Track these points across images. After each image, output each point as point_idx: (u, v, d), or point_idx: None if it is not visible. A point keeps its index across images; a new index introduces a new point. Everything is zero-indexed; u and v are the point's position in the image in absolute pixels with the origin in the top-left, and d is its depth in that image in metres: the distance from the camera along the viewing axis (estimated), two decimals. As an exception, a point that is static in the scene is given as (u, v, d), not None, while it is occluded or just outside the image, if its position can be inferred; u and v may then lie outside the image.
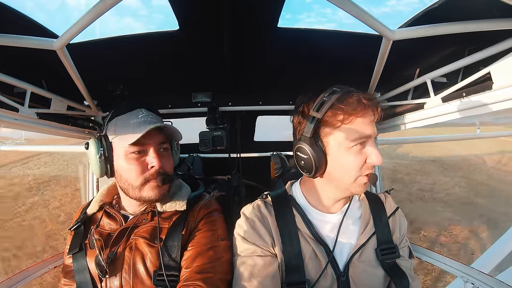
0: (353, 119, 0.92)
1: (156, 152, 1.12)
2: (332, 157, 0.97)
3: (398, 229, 1.12)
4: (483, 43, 1.02)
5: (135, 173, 1.10)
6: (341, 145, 0.95)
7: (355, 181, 0.96)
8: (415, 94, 1.48)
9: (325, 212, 1.08)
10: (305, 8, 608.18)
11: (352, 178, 0.96)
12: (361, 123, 0.93)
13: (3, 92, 1.12)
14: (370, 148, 0.95)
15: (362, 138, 0.93)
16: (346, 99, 0.93)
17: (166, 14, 36.35)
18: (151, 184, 1.11)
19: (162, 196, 1.14)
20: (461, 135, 5.28)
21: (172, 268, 1.06)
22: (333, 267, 1.00)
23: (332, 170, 0.98)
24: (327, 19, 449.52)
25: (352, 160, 0.94)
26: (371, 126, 0.95)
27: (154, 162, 1.10)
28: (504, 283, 1.26)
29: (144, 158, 1.11)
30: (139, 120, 1.12)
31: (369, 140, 0.95)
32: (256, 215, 1.09)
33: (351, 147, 0.93)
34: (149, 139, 1.10)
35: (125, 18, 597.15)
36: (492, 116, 2.94)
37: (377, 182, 1.85)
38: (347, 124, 0.93)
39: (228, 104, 1.82)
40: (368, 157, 0.94)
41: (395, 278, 1.01)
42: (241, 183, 2.00)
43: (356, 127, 0.93)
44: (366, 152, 0.95)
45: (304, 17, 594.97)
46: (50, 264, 1.52)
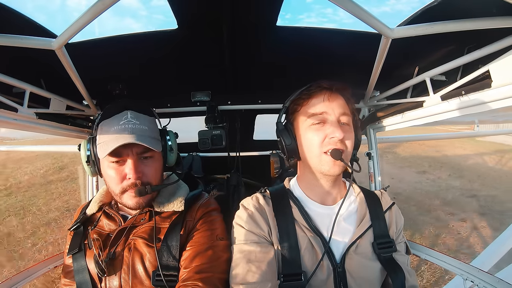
0: (309, 100, 1.06)
1: (135, 162, 1.09)
2: (299, 139, 1.09)
3: (395, 224, 1.14)
4: (482, 41, 1.02)
5: (114, 182, 1.11)
6: (303, 125, 1.07)
7: (320, 159, 1.03)
8: (414, 93, 1.48)
9: (322, 203, 1.11)
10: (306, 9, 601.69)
11: (316, 155, 1.04)
12: (316, 102, 1.04)
13: (2, 92, 1.11)
14: (329, 124, 1.02)
15: (317, 114, 1.03)
16: (310, 88, 1.07)
17: (166, 15, 36.22)
18: (128, 193, 1.12)
19: (143, 204, 1.14)
20: (459, 133, 5.30)
21: (171, 268, 1.06)
22: (330, 259, 1.02)
23: (301, 151, 1.09)
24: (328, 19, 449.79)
25: (312, 137, 1.03)
26: (327, 103, 1.03)
27: (130, 174, 1.09)
28: (504, 281, 1.26)
29: (122, 167, 1.10)
30: (120, 127, 1.09)
31: (327, 116, 1.02)
32: (254, 206, 1.12)
33: (310, 125, 1.04)
34: (127, 149, 1.08)
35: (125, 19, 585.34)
36: (491, 114, 2.95)
37: (375, 180, 1.86)
38: (305, 106, 1.07)
39: (227, 103, 1.82)
40: (327, 133, 1.01)
41: (391, 271, 1.03)
42: (240, 182, 2.00)
43: (312, 106, 1.05)
44: (325, 129, 1.02)
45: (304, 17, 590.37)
46: (50, 264, 1.52)
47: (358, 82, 1.46)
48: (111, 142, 1.05)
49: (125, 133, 1.08)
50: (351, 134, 1.06)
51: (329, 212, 1.09)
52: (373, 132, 1.88)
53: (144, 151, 1.11)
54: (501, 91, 0.97)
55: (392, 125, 1.66)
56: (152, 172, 1.14)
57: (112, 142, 1.05)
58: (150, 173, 1.14)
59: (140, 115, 1.16)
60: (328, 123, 1.02)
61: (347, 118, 1.04)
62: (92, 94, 1.51)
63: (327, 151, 1.00)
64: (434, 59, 1.26)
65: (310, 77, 1.09)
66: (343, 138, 0.99)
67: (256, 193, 1.20)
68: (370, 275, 1.04)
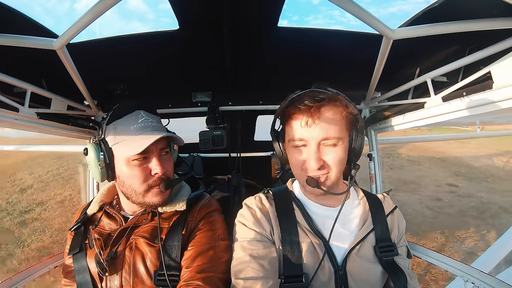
0: (291, 121, 1.01)
1: (159, 158, 1.11)
2: (287, 152, 1.08)
3: (397, 228, 1.14)
4: (483, 42, 1.02)
5: (138, 180, 1.10)
6: (289, 142, 1.04)
7: (303, 179, 1.02)
8: (415, 94, 1.48)
9: (323, 205, 1.11)
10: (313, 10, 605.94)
11: (300, 175, 1.03)
12: (295, 126, 0.99)
13: (3, 92, 1.12)
14: (308, 151, 0.98)
15: (296, 140, 0.99)
16: (296, 100, 0.99)
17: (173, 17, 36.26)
18: (154, 190, 1.12)
19: (164, 201, 1.15)
20: (461, 135, 5.29)
21: (172, 268, 1.06)
22: (331, 261, 1.01)
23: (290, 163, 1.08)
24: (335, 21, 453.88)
25: (294, 159, 1.02)
26: (307, 129, 0.96)
27: (157, 169, 1.09)
28: (505, 283, 1.26)
29: (146, 164, 1.11)
30: (140, 125, 1.10)
31: (308, 143, 0.97)
32: (257, 205, 1.12)
33: (292, 146, 1.02)
34: (153, 146, 1.08)
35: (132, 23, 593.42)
36: (492, 115, 2.94)
37: (377, 183, 1.86)
38: (289, 125, 1.02)
39: (228, 104, 1.82)
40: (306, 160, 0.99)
41: (393, 275, 1.02)
42: (241, 183, 2.00)
43: (292, 130, 1.00)
44: (305, 153, 0.99)
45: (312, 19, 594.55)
46: (50, 264, 1.52)
47: (359, 83, 1.46)
48: (135, 140, 1.06)
49: (149, 129, 1.10)
50: (337, 155, 0.97)
51: (331, 214, 1.08)
52: (374, 133, 1.88)
53: (165, 147, 1.15)
54: (503, 92, 0.97)
55: (393, 126, 1.66)
56: (171, 167, 1.19)
57: (140, 140, 1.06)
58: (169, 168, 1.18)
59: (151, 114, 1.18)
60: (308, 149, 0.98)
61: (332, 140, 0.96)
62: (93, 95, 1.52)
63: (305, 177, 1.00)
64: (436, 60, 1.26)
65: (311, 78, 1.09)
66: (321, 167, 0.96)
67: (259, 193, 1.20)
68: (371, 277, 1.03)
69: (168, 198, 1.19)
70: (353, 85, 1.02)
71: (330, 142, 0.96)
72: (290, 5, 1.15)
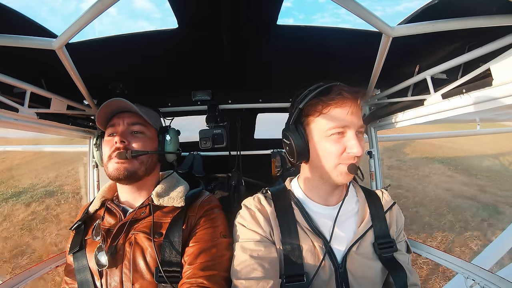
0: (331, 109, 0.99)
1: (123, 131, 1.18)
2: (313, 144, 1.04)
3: (395, 224, 1.14)
4: (483, 39, 1.02)
5: (105, 154, 1.18)
6: (320, 133, 1.01)
7: (335, 169, 1.01)
8: (415, 91, 1.47)
9: (323, 204, 1.11)
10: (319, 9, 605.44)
11: (332, 166, 1.00)
12: (338, 113, 0.98)
13: (2, 93, 1.12)
14: (349, 138, 0.98)
15: (338, 127, 0.98)
16: (328, 91, 1.00)
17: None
18: (112, 161, 1.16)
19: (123, 173, 1.15)
20: (461, 132, 5.29)
21: (173, 264, 1.07)
22: (331, 259, 1.02)
23: (314, 157, 1.04)
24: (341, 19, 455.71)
25: (330, 148, 0.99)
26: (351, 117, 0.98)
27: (116, 138, 1.15)
28: (505, 279, 1.27)
29: (111, 138, 1.17)
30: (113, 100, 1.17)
31: (348, 130, 0.98)
32: (256, 206, 1.12)
33: (329, 135, 0.99)
34: (119, 119, 1.18)
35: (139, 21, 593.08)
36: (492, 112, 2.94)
37: (377, 179, 1.86)
38: (325, 113, 0.99)
39: (228, 102, 1.82)
40: (347, 147, 0.98)
41: (392, 271, 1.03)
42: (241, 181, 2.00)
43: (333, 117, 0.98)
44: (345, 142, 0.98)
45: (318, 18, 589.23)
46: (52, 264, 1.52)
47: (359, 80, 1.45)
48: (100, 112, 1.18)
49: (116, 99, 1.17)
50: (363, 143, 1.02)
51: (330, 213, 1.09)
52: (374, 131, 1.88)
53: (134, 123, 1.19)
54: (502, 89, 0.97)
55: (393, 123, 1.66)
56: (139, 143, 1.19)
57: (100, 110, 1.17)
58: (137, 143, 1.19)
59: (142, 106, 1.28)
60: (347, 136, 0.98)
61: (363, 129, 1.02)
62: (93, 94, 1.51)
63: (344, 164, 0.99)
64: (435, 58, 1.26)
65: (311, 75, 1.09)
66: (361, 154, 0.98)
67: (258, 193, 1.20)
68: (371, 274, 1.04)
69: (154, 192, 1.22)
70: (352, 82, 1.02)
71: (361, 130, 1.01)
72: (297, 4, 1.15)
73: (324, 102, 0.99)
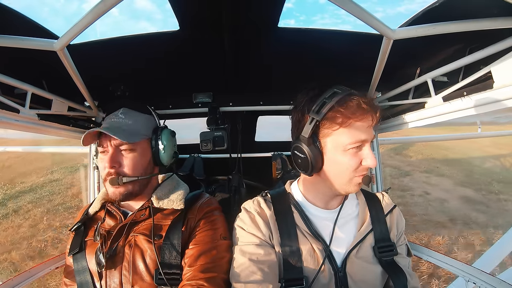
0: (351, 123, 0.94)
1: (112, 153, 1.14)
2: (329, 158, 0.99)
3: (396, 227, 1.14)
4: (484, 42, 1.02)
5: (101, 170, 1.17)
6: (338, 147, 0.96)
7: (350, 181, 0.99)
8: (416, 94, 1.47)
9: (323, 208, 1.10)
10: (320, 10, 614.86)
11: (347, 179, 0.99)
12: (359, 127, 0.95)
13: (3, 93, 1.12)
14: (366, 151, 0.97)
15: (358, 142, 0.95)
16: (346, 102, 0.94)
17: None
18: (107, 184, 1.15)
19: (119, 196, 1.15)
20: (462, 135, 5.28)
21: (173, 266, 1.07)
22: (331, 263, 1.02)
23: (328, 169, 1.01)
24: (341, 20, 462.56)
25: (348, 162, 0.96)
26: (369, 130, 0.97)
27: (106, 163, 1.13)
28: (506, 283, 1.26)
29: (103, 158, 1.15)
30: (109, 121, 1.19)
31: (365, 143, 0.97)
32: (255, 210, 1.11)
33: (348, 149, 0.96)
34: (107, 140, 1.14)
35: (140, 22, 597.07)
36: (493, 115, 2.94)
37: (377, 182, 1.86)
38: (345, 127, 0.94)
39: (229, 104, 1.82)
40: (363, 159, 0.97)
41: (393, 275, 1.03)
42: (241, 183, 2.00)
43: (354, 131, 0.94)
44: (361, 155, 0.97)
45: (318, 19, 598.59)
46: (51, 265, 1.52)
47: (359, 83, 1.45)
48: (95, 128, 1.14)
49: (105, 125, 1.16)
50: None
51: (330, 216, 1.09)
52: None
53: (121, 143, 1.14)
54: (503, 92, 0.97)
55: (394, 126, 1.66)
56: (130, 164, 1.15)
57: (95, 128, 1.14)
58: (128, 165, 1.15)
59: (132, 111, 1.22)
60: (364, 149, 0.97)
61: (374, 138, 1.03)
62: (94, 96, 1.52)
63: (359, 176, 0.99)
64: (436, 60, 1.26)
65: (312, 78, 1.09)
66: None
67: (257, 196, 1.19)
68: (371, 278, 1.04)
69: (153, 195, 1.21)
70: (353, 85, 1.01)
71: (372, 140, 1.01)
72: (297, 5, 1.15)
73: (344, 116, 0.93)
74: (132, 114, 1.21)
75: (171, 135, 1.28)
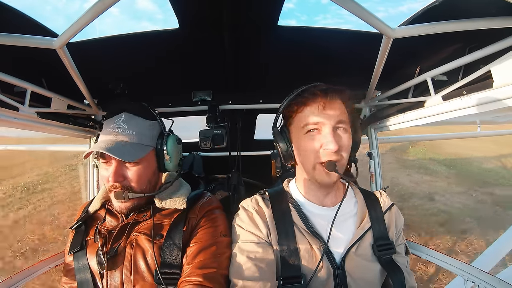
0: (304, 108, 1.03)
1: (116, 166, 1.09)
2: (295, 144, 1.08)
3: (394, 225, 1.14)
4: (483, 41, 1.02)
5: (104, 179, 1.14)
6: (298, 131, 1.05)
7: (314, 168, 1.02)
8: (415, 93, 1.48)
9: (319, 205, 1.11)
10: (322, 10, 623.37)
11: (311, 164, 1.03)
12: (311, 110, 1.01)
13: (3, 92, 1.12)
14: (325, 134, 0.99)
15: (312, 123, 1.00)
16: (304, 91, 1.05)
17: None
18: (112, 196, 1.14)
19: (125, 210, 1.14)
20: (461, 134, 5.27)
21: (173, 266, 1.07)
22: (329, 260, 1.02)
23: (297, 156, 1.09)
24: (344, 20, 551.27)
25: (306, 145, 1.02)
26: (323, 111, 0.99)
27: (110, 177, 1.09)
28: (505, 282, 1.26)
29: (107, 169, 1.11)
30: (109, 130, 1.11)
31: (323, 126, 0.99)
32: (253, 208, 1.12)
33: (306, 132, 1.02)
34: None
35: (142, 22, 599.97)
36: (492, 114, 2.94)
37: (376, 180, 1.86)
38: (300, 113, 1.04)
39: (228, 103, 1.82)
40: (323, 143, 0.99)
41: (391, 273, 1.03)
42: (240, 182, 2.00)
43: (307, 114, 1.02)
44: (321, 138, 1.00)
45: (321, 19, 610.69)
46: (51, 263, 1.52)
47: (359, 82, 1.46)
48: (98, 144, 1.08)
49: (108, 138, 1.10)
50: (348, 140, 1.02)
51: (328, 214, 1.08)
52: (374, 132, 1.87)
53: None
54: (503, 91, 0.97)
55: (393, 125, 1.66)
56: (135, 177, 1.12)
57: (98, 144, 1.08)
58: (133, 178, 1.12)
59: (135, 118, 1.15)
60: (323, 132, 0.99)
61: (344, 124, 1.01)
62: (93, 94, 1.51)
63: (322, 163, 1.00)
64: (436, 59, 1.26)
65: (312, 76, 1.09)
66: (338, 149, 0.97)
67: (256, 195, 1.20)
68: (370, 276, 1.04)
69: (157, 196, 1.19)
70: (353, 83, 1.02)
71: (343, 126, 1.01)
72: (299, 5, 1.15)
73: (298, 102, 1.04)
74: (135, 122, 1.14)
75: (177, 143, 1.23)
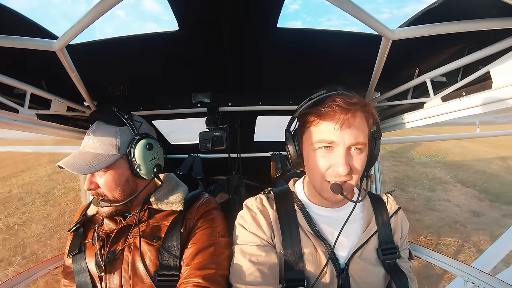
0: (320, 122, 0.94)
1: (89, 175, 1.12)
2: (305, 155, 1.02)
3: (400, 230, 1.12)
4: (482, 42, 1.02)
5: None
6: (310, 145, 0.97)
7: (322, 185, 0.97)
8: (414, 94, 1.48)
9: (326, 206, 1.08)
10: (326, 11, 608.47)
11: (319, 180, 0.97)
12: (326, 126, 0.92)
13: (3, 93, 1.12)
14: (336, 155, 0.92)
15: (325, 142, 0.93)
16: (324, 100, 0.93)
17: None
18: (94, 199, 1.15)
19: (107, 215, 1.16)
20: (461, 135, 5.28)
21: (172, 268, 1.07)
22: (333, 264, 1.00)
23: (306, 165, 1.02)
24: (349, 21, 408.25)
25: (316, 162, 0.95)
26: (339, 132, 0.90)
27: (86, 184, 1.12)
28: (505, 282, 1.26)
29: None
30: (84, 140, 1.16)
31: (336, 146, 0.92)
32: (258, 207, 1.10)
33: (316, 149, 0.95)
34: None
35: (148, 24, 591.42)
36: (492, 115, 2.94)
37: (376, 182, 1.86)
38: (315, 126, 0.95)
39: (228, 104, 1.82)
40: (333, 164, 0.93)
41: (395, 277, 1.02)
42: (240, 183, 2.00)
43: (321, 130, 0.94)
44: (332, 158, 0.93)
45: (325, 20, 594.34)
46: (50, 265, 1.52)
47: (358, 83, 1.46)
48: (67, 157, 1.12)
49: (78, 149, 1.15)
50: (361, 162, 0.94)
51: (334, 215, 1.07)
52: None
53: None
54: (502, 92, 0.97)
55: (393, 126, 1.66)
56: (105, 185, 1.12)
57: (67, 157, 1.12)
58: (104, 185, 1.12)
59: (102, 126, 1.15)
60: (335, 153, 0.92)
61: (360, 145, 0.92)
62: (93, 96, 1.51)
63: (329, 181, 0.94)
64: (435, 60, 1.26)
65: (311, 78, 1.09)
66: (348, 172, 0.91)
67: (260, 194, 1.18)
68: (374, 280, 1.03)
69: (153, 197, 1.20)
70: (352, 85, 1.01)
71: (359, 146, 0.93)
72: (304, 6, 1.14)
73: (315, 114, 0.94)
74: (101, 132, 1.13)
75: (146, 148, 1.13)
